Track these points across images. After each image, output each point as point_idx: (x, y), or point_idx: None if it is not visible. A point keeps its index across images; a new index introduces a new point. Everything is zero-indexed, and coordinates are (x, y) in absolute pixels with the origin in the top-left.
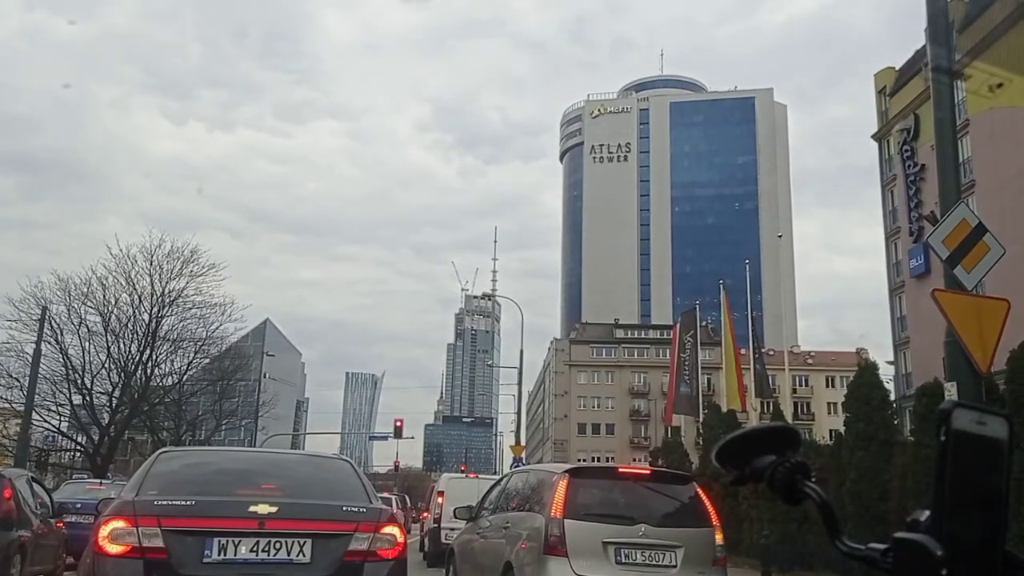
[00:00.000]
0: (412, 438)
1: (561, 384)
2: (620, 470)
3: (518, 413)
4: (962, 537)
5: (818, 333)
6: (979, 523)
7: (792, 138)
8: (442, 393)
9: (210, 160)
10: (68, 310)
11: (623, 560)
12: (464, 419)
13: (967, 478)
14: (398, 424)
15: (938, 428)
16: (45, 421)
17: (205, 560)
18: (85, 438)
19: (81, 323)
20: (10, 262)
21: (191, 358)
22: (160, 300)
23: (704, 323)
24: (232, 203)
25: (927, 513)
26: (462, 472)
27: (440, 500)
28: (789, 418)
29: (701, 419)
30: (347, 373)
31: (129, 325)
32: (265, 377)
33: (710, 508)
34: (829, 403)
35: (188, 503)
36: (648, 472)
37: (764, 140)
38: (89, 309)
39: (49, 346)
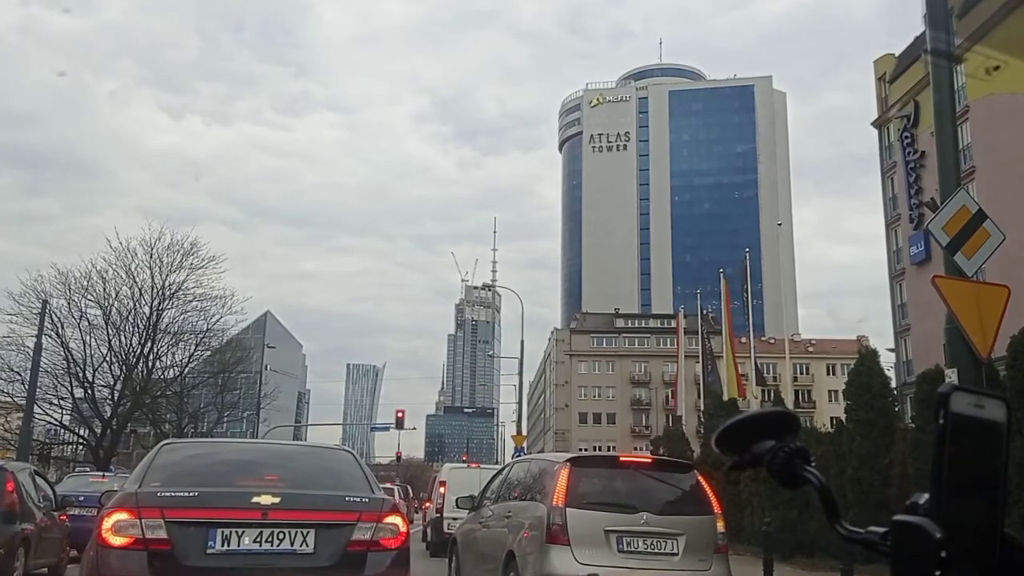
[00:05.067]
0: (414, 429)
1: (562, 374)
2: (621, 459)
3: (519, 403)
4: (960, 519)
5: (818, 321)
6: (977, 505)
7: (791, 126)
8: (443, 384)
9: (208, 153)
10: (68, 303)
11: (625, 548)
12: (465, 409)
13: (965, 461)
14: (399, 415)
15: (936, 411)
16: (47, 415)
17: (208, 551)
18: (87, 431)
19: (82, 316)
20: (10, 256)
21: (192, 350)
22: (161, 293)
23: (705, 312)
24: (231, 196)
25: (926, 496)
26: (464, 462)
27: (442, 490)
28: (790, 406)
29: (703, 407)
30: (348, 364)
31: (130, 318)
32: (266, 369)
33: (711, 496)
34: (830, 391)
35: (191, 494)
36: (649, 460)
37: (763, 128)
38: (89, 302)
39: (50, 340)
